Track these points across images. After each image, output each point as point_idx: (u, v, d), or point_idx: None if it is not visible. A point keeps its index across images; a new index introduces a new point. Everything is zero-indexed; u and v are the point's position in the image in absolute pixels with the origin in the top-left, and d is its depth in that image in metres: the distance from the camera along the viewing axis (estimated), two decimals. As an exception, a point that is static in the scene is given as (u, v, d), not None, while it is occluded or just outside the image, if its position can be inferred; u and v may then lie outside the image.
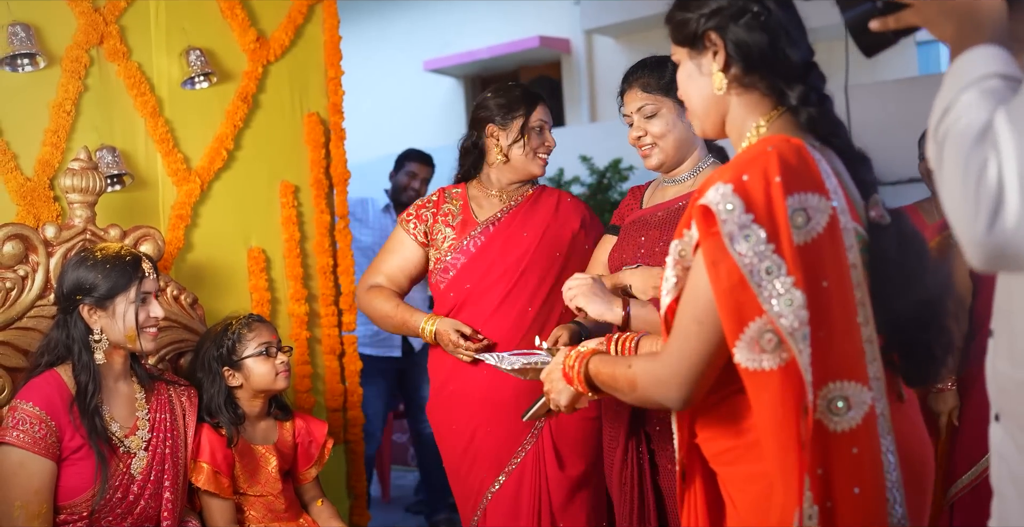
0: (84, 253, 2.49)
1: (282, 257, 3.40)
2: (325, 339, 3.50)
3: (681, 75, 1.68)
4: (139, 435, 2.51)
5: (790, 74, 1.59)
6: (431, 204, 2.97)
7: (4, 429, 2.34)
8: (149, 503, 2.48)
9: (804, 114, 1.59)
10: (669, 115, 2.44)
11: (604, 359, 1.71)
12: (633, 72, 2.50)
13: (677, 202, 2.47)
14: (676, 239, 1.53)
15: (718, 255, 1.41)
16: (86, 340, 2.43)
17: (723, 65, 1.59)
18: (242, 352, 2.72)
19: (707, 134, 1.71)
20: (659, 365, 1.52)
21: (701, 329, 1.46)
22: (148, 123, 3.08)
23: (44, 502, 2.33)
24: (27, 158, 2.79)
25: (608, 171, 7.09)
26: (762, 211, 1.40)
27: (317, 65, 3.58)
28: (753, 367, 1.41)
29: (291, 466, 2.86)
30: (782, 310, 1.37)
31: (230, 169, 3.28)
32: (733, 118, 1.63)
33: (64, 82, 2.87)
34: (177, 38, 3.16)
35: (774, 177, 1.41)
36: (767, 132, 1.58)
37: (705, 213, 1.43)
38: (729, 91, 1.61)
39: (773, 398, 1.40)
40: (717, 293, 1.41)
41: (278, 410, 2.86)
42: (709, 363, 1.47)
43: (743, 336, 1.40)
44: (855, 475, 1.39)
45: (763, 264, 1.39)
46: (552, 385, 1.85)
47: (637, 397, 1.59)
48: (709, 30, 1.58)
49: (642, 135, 2.45)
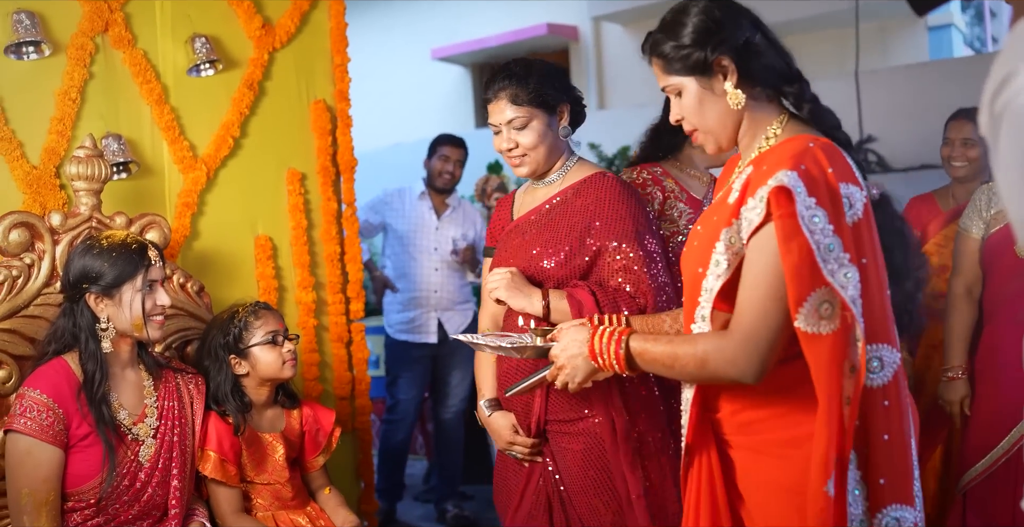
0: (90, 241, 2.48)
1: (289, 245, 3.39)
2: (332, 327, 3.49)
3: (689, 100, 1.83)
4: (147, 423, 2.51)
5: (788, 78, 1.81)
6: (651, 183, 2.87)
7: (12, 416, 2.34)
8: (157, 491, 2.48)
9: (805, 108, 1.81)
10: (539, 126, 2.49)
11: (648, 338, 1.80)
12: (498, 83, 2.51)
13: (548, 203, 2.54)
14: (725, 227, 1.69)
15: (792, 232, 1.58)
16: (93, 328, 2.43)
17: (735, 83, 1.77)
18: (249, 340, 2.72)
19: (723, 148, 1.87)
20: (733, 343, 1.65)
21: (779, 305, 1.62)
22: (154, 111, 3.07)
23: (51, 490, 2.33)
24: (33, 146, 2.79)
25: (616, 158, 7.06)
26: (823, 195, 1.60)
27: (323, 52, 3.56)
28: (812, 331, 1.58)
29: (298, 454, 2.86)
30: (844, 282, 1.58)
31: (236, 157, 3.27)
32: (747, 127, 1.82)
33: (69, 70, 2.86)
34: (182, 25, 3.14)
35: (827, 168, 1.63)
36: (783, 134, 1.78)
37: (784, 194, 1.59)
38: (743, 105, 1.79)
39: (828, 359, 1.58)
40: (787, 266, 1.58)
41: (285, 398, 2.86)
42: (783, 336, 1.63)
43: (805, 304, 1.58)
44: (885, 424, 1.64)
45: (826, 241, 1.58)
46: (569, 362, 1.93)
47: (704, 374, 1.71)
48: (719, 56, 1.76)
49: (513, 147, 2.50)
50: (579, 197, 2.50)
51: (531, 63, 2.53)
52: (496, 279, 2.41)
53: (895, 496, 1.65)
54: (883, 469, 1.64)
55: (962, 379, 3.46)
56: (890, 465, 1.65)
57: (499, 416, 2.54)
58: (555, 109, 2.52)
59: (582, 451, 2.41)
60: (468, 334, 2.31)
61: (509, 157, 2.54)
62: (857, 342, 1.59)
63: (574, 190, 2.52)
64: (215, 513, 2.66)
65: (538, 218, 2.55)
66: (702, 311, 1.76)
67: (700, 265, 1.76)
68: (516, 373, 2.45)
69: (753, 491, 1.74)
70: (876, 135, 6.77)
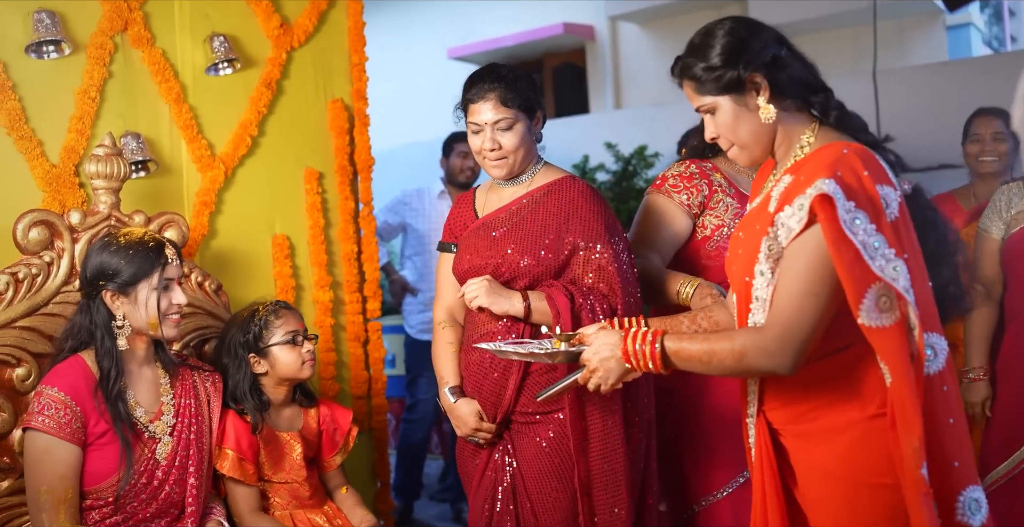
0: (107, 238, 2.48)
1: (306, 244, 3.39)
2: (350, 326, 3.50)
3: (725, 118, 1.92)
4: (164, 420, 2.51)
5: (814, 88, 1.91)
6: (697, 176, 2.85)
7: (30, 414, 2.35)
8: (174, 488, 2.49)
9: (832, 115, 1.90)
10: (521, 128, 2.60)
11: (683, 337, 1.89)
12: (485, 84, 2.59)
13: (516, 203, 2.65)
14: (764, 236, 1.81)
15: (838, 236, 1.68)
16: (109, 326, 2.43)
17: (768, 98, 1.87)
18: (269, 339, 2.72)
19: (756, 161, 1.97)
20: (771, 337, 1.76)
21: (818, 301, 1.73)
22: (172, 109, 3.08)
23: (70, 487, 2.34)
24: (52, 145, 2.80)
25: (633, 158, 7.05)
26: (862, 198, 1.70)
27: (341, 51, 3.56)
28: (876, 325, 1.68)
29: (316, 453, 2.86)
30: (895, 275, 1.67)
31: (254, 155, 3.28)
32: (781, 138, 1.92)
33: (89, 69, 2.88)
34: (201, 24, 3.15)
35: (863, 172, 1.73)
36: (816, 142, 1.88)
37: (826, 201, 1.68)
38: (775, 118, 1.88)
39: (897, 348, 1.68)
40: (841, 268, 1.68)
41: (303, 397, 2.86)
42: (819, 331, 1.75)
43: (865, 301, 1.68)
44: (946, 409, 1.74)
45: (871, 240, 1.68)
46: (602, 365, 1.99)
47: (741, 368, 1.81)
48: (752, 73, 1.86)
49: (496, 148, 2.59)
50: (550, 198, 2.62)
51: (513, 68, 2.66)
52: (474, 288, 2.51)
53: (969, 478, 1.74)
54: (954, 452, 1.73)
55: (983, 380, 3.44)
56: (960, 448, 1.74)
57: (464, 403, 2.61)
58: (534, 113, 2.64)
59: (546, 440, 2.52)
60: (491, 343, 2.37)
61: (487, 157, 2.62)
62: (913, 330, 1.69)
63: (543, 192, 2.64)
64: (233, 512, 2.66)
65: (508, 216, 2.64)
66: (754, 318, 1.87)
67: (746, 274, 1.87)
68: (489, 368, 2.56)
69: (805, 475, 1.87)
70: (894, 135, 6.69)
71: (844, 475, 1.79)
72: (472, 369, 2.63)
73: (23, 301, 2.55)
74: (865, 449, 1.78)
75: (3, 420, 2.50)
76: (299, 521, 2.72)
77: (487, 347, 2.30)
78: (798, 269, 1.75)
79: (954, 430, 1.74)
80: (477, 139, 2.62)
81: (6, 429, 2.51)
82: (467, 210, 2.79)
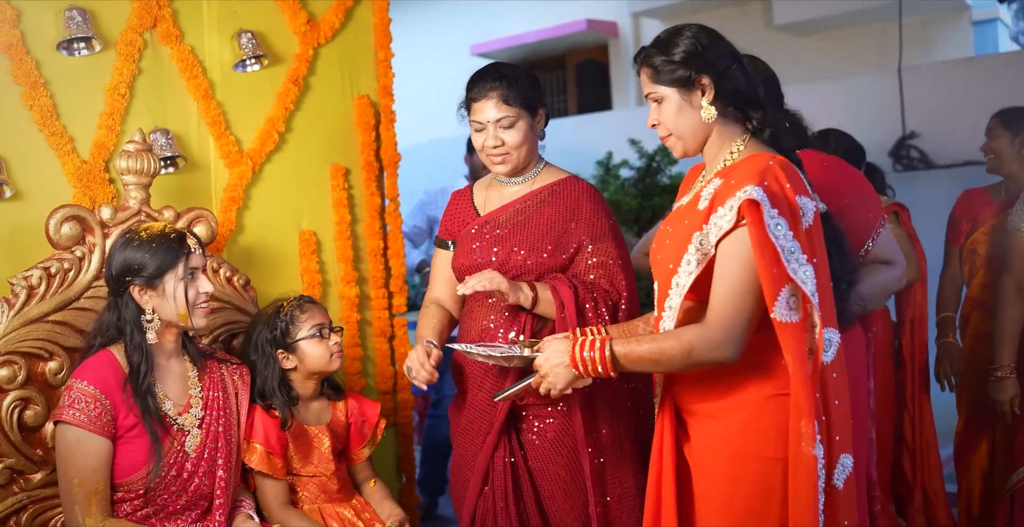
0: (129, 234, 2.50)
1: (333, 239, 3.41)
2: (375, 322, 3.51)
3: (669, 108, 2.12)
4: (192, 413, 2.53)
5: (755, 104, 2.11)
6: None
7: (61, 408, 2.37)
8: (203, 481, 2.51)
9: (767, 132, 2.12)
10: (524, 126, 2.69)
11: (631, 341, 2.08)
12: (488, 83, 2.69)
13: (521, 202, 2.75)
14: (696, 231, 2.01)
15: (762, 239, 1.90)
16: (138, 321, 2.45)
17: (711, 100, 2.07)
18: (296, 334, 2.73)
19: (687, 153, 2.17)
20: (715, 331, 1.97)
21: (753, 296, 1.95)
22: (200, 106, 3.10)
23: (101, 480, 2.36)
24: (83, 141, 2.82)
25: (657, 154, 7.03)
26: (784, 207, 1.93)
27: (367, 47, 3.58)
28: (786, 320, 1.92)
29: (344, 446, 2.88)
30: (805, 279, 1.91)
31: (281, 151, 3.30)
32: (714, 140, 2.13)
33: (119, 65, 2.90)
34: (228, 21, 3.17)
35: (785, 183, 1.95)
36: (745, 150, 2.09)
37: (753, 205, 1.90)
38: (714, 120, 2.10)
39: (797, 342, 1.93)
40: (762, 267, 1.91)
41: (330, 390, 2.87)
42: (755, 321, 1.97)
43: (779, 299, 1.91)
44: (836, 393, 1.98)
45: (788, 245, 1.91)
46: (552, 370, 2.17)
47: (689, 362, 2.00)
48: (702, 75, 2.07)
49: (499, 145, 2.67)
50: (555, 197, 2.73)
51: (515, 66, 2.76)
52: (488, 277, 2.55)
53: (844, 448, 2.00)
54: (837, 428, 1.98)
55: (1011, 378, 3.43)
56: (842, 425, 1.99)
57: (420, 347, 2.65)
58: (536, 112, 2.72)
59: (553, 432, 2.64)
60: (461, 344, 2.50)
61: (491, 154, 2.70)
62: (814, 328, 1.95)
63: (549, 191, 2.74)
64: (261, 505, 2.68)
65: (513, 214, 2.74)
66: (671, 302, 2.09)
67: (672, 262, 2.08)
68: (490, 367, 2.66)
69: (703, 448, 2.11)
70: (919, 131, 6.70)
71: (740, 447, 2.03)
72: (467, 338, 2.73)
73: (55, 296, 2.58)
74: (762, 425, 2.01)
75: (36, 413, 2.53)
76: (327, 515, 2.74)
77: (457, 348, 2.45)
78: (731, 268, 1.96)
79: (839, 410, 1.99)
80: (480, 137, 2.71)
81: (39, 422, 2.54)
82: (466, 207, 2.87)
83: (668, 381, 2.18)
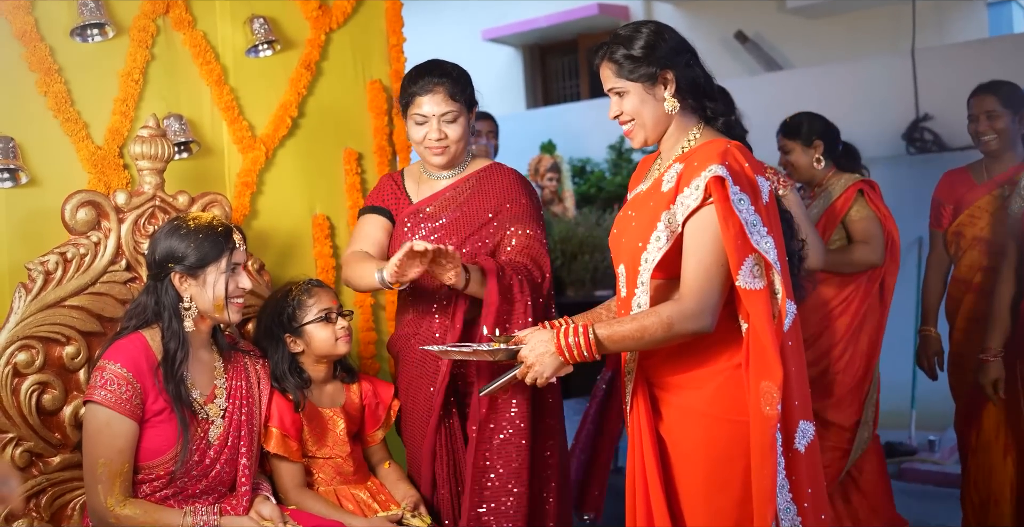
0: (177, 222, 2.53)
1: (346, 224, 3.42)
2: (389, 305, 3.52)
3: (633, 101, 2.25)
4: (217, 403, 2.56)
5: (709, 95, 2.27)
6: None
7: (92, 388, 2.39)
8: (224, 468, 2.54)
9: (720, 121, 2.28)
10: (464, 121, 2.86)
11: (612, 323, 2.18)
12: (435, 78, 2.81)
13: (451, 189, 2.90)
14: (664, 211, 2.15)
15: (727, 212, 2.05)
16: (176, 307, 2.48)
17: (673, 93, 2.22)
18: (302, 318, 2.75)
19: (647, 143, 2.29)
20: (689, 303, 2.10)
21: (722, 268, 2.09)
22: (213, 91, 3.11)
23: (126, 461, 2.39)
24: (97, 127, 2.83)
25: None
26: (745, 183, 2.09)
27: (379, 32, 3.58)
28: (751, 288, 2.07)
29: (359, 428, 2.90)
30: (767, 248, 2.08)
31: (294, 136, 3.31)
32: (673, 129, 2.28)
33: (132, 51, 2.91)
34: (241, 7, 3.18)
35: (744, 163, 2.12)
36: (701, 138, 2.25)
37: (719, 182, 2.06)
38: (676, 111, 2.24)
39: (763, 307, 2.06)
40: (727, 239, 2.05)
41: (344, 373, 2.89)
42: (725, 293, 2.12)
43: (743, 268, 2.06)
44: (792, 360, 2.12)
45: (751, 218, 2.07)
46: (538, 360, 2.24)
47: (670, 335, 2.11)
48: (665, 70, 2.21)
49: (442, 138, 2.82)
50: (483, 184, 2.90)
51: (456, 64, 2.89)
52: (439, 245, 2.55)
53: (805, 414, 2.16)
54: (795, 394, 2.12)
55: (995, 361, 3.52)
56: (800, 390, 2.15)
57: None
58: (472, 109, 2.89)
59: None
60: (434, 345, 2.56)
61: (431, 147, 2.83)
62: (777, 295, 2.11)
63: (476, 178, 2.91)
64: (278, 488, 2.71)
65: (445, 202, 2.88)
66: (642, 278, 2.19)
67: (641, 240, 2.19)
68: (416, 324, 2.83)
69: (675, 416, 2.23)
70: (933, 113, 6.65)
71: (708, 411, 2.17)
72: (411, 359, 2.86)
73: (71, 280, 2.60)
74: (728, 391, 2.15)
75: (54, 397, 2.56)
76: (343, 496, 2.76)
77: (432, 349, 2.51)
78: (701, 243, 2.10)
79: (797, 376, 2.13)
80: (422, 129, 2.83)
81: (57, 406, 2.56)
82: (398, 190, 2.98)
83: (641, 358, 2.29)
